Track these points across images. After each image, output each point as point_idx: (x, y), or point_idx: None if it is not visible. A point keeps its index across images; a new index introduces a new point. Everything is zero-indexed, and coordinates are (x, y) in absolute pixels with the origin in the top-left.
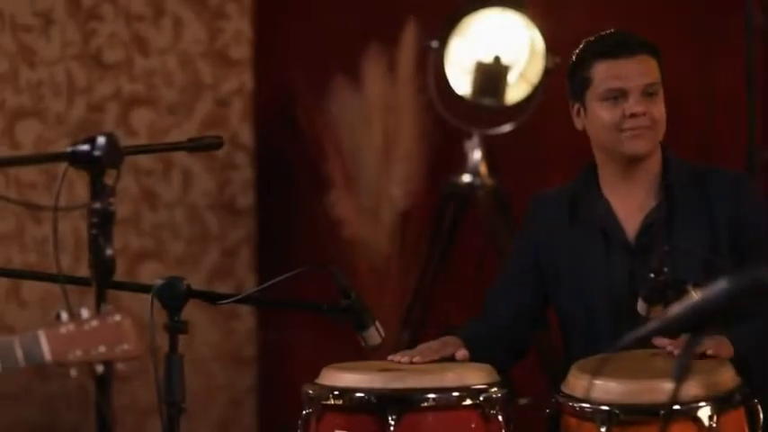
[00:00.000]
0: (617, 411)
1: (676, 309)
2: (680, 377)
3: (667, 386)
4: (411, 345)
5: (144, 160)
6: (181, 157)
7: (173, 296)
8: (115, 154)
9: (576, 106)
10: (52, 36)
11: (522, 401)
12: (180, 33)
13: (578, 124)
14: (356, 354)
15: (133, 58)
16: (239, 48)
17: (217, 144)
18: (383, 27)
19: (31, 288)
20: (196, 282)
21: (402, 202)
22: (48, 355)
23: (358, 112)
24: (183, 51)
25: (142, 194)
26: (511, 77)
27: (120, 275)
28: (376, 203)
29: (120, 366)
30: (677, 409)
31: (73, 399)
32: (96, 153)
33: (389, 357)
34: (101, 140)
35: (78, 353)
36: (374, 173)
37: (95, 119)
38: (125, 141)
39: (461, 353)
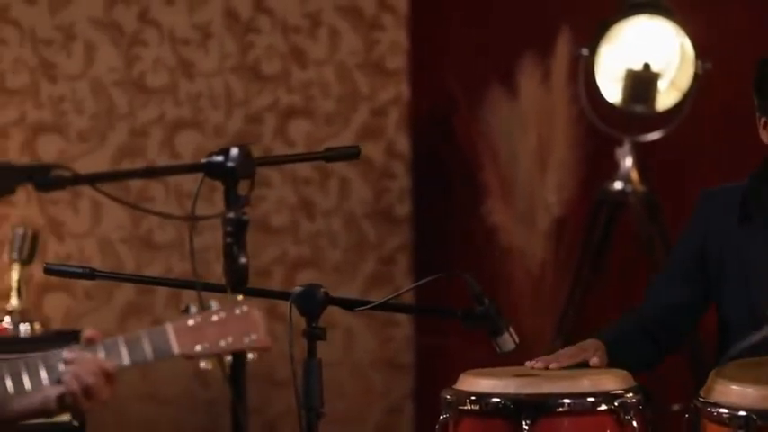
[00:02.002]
0: (754, 417)
1: None
2: None
3: None
4: None
5: (302, 170)
6: (338, 166)
7: (310, 303)
8: (248, 165)
9: (763, 120)
10: (210, 49)
11: (675, 408)
12: (336, 45)
13: (765, 138)
14: (510, 359)
15: (290, 70)
16: (395, 58)
17: (354, 154)
18: (537, 36)
19: (191, 295)
20: (353, 290)
21: (557, 210)
22: (176, 348)
23: (513, 120)
24: (339, 62)
25: (300, 203)
26: (661, 84)
27: (277, 284)
28: (531, 211)
29: (249, 356)
30: None
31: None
32: (230, 164)
33: (527, 363)
34: (234, 152)
35: (206, 344)
36: (529, 181)
37: (253, 130)
38: (283, 152)
39: (594, 360)
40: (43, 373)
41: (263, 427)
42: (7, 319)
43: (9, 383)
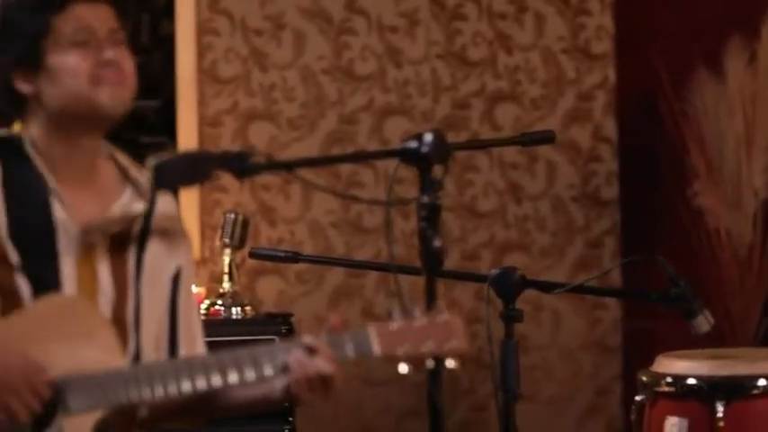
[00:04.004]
0: None
1: None
2: None
3: None
4: None
5: (509, 154)
6: (545, 150)
7: (507, 285)
8: (442, 150)
9: None
10: (417, 36)
11: None
12: (542, 30)
13: None
14: (717, 342)
15: (497, 56)
16: (601, 42)
17: (549, 138)
18: (743, 19)
19: (401, 279)
20: (561, 273)
21: (764, 192)
22: (377, 350)
23: (720, 103)
24: (545, 48)
25: (508, 187)
26: None
27: (486, 267)
28: (738, 193)
29: (449, 364)
30: None
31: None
32: (424, 149)
33: None
34: (428, 137)
35: (406, 348)
36: (736, 163)
37: (461, 115)
38: (490, 136)
39: None
40: (268, 366)
41: (472, 407)
42: (220, 302)
43: (234, 374)
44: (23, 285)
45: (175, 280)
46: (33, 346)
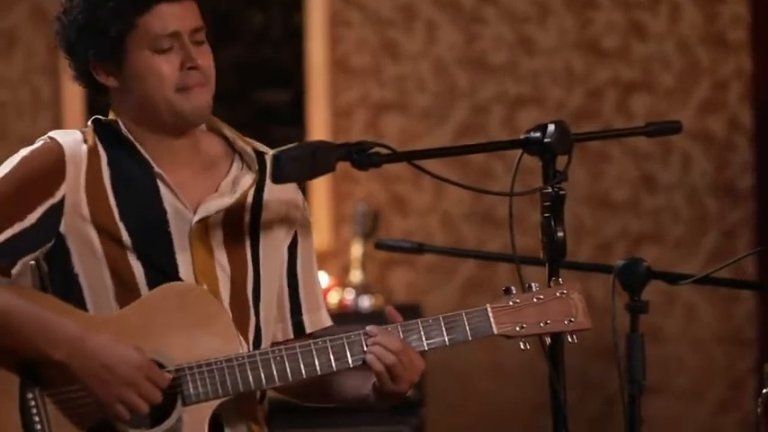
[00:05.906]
0: None
1: None
2: None
3: None
4: None
5: (642, 144)
6: (679, 140)
7: (633, 277)
8: (565, 140)
9: None
10: (549, 25)
11: None
12: (677, 18)
13: None
14: None
15: (630, 45)
16: (737, 31)
17: (675, 129)
18: None
19: (533, 271)
20: (695, 264)
21: None
22: (495, 329)
23: None
24: (680, 36)
25: (641, 178)
26: None
27: (619, 259)
28: None
29: (569, 339)
30: None
31: (570, 378)
32: (547, 140)
33: None
34: (551, 128)
35: (524, 326)
36: None
37: (593, 106)
38: (623, 126)
39: None
40: (348, 353)
41: (604, 401)
42: (349, 293)
43: (317, 361)
44: (137, 267)
45: (292, 247)
46: (150, 338)
